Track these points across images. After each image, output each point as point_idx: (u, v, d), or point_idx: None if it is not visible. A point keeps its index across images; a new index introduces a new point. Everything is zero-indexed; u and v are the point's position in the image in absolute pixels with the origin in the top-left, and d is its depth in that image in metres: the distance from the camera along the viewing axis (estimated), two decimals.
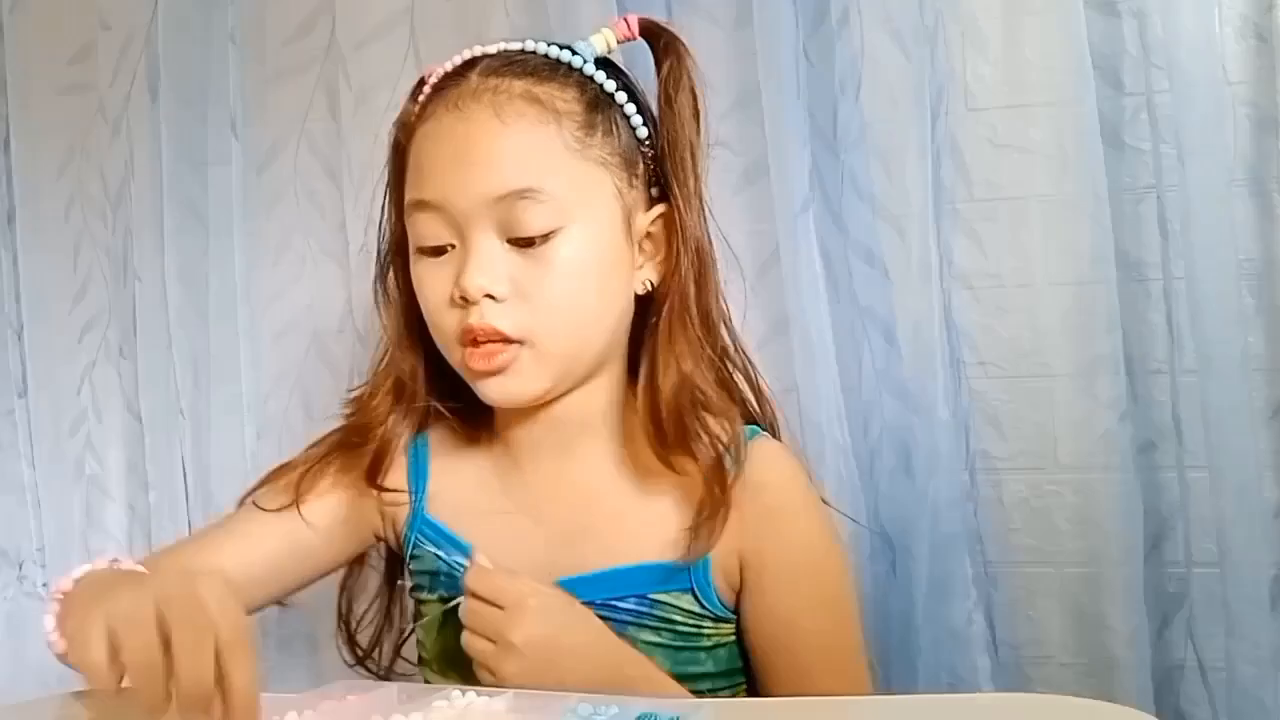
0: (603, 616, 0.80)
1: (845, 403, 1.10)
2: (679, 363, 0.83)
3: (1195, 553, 1.05)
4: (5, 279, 1.41)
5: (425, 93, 0.87)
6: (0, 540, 1.40)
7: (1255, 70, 1.05)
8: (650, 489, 0.84)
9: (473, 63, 0.85)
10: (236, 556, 0.87)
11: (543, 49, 0.85)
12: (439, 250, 0.82)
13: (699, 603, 0.83)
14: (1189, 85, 1.01)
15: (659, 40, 0.88)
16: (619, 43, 0.88)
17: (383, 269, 0.91)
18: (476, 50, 0.86)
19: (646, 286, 0.86)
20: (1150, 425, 1.08)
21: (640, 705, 0.65)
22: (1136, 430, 1.07)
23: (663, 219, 0.86)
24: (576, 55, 0.85)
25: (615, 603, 0.82)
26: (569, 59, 0.85)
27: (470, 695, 0.69)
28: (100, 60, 1.35)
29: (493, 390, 0.83)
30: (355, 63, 1.25)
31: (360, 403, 0.91)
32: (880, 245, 1.11)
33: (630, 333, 0.87)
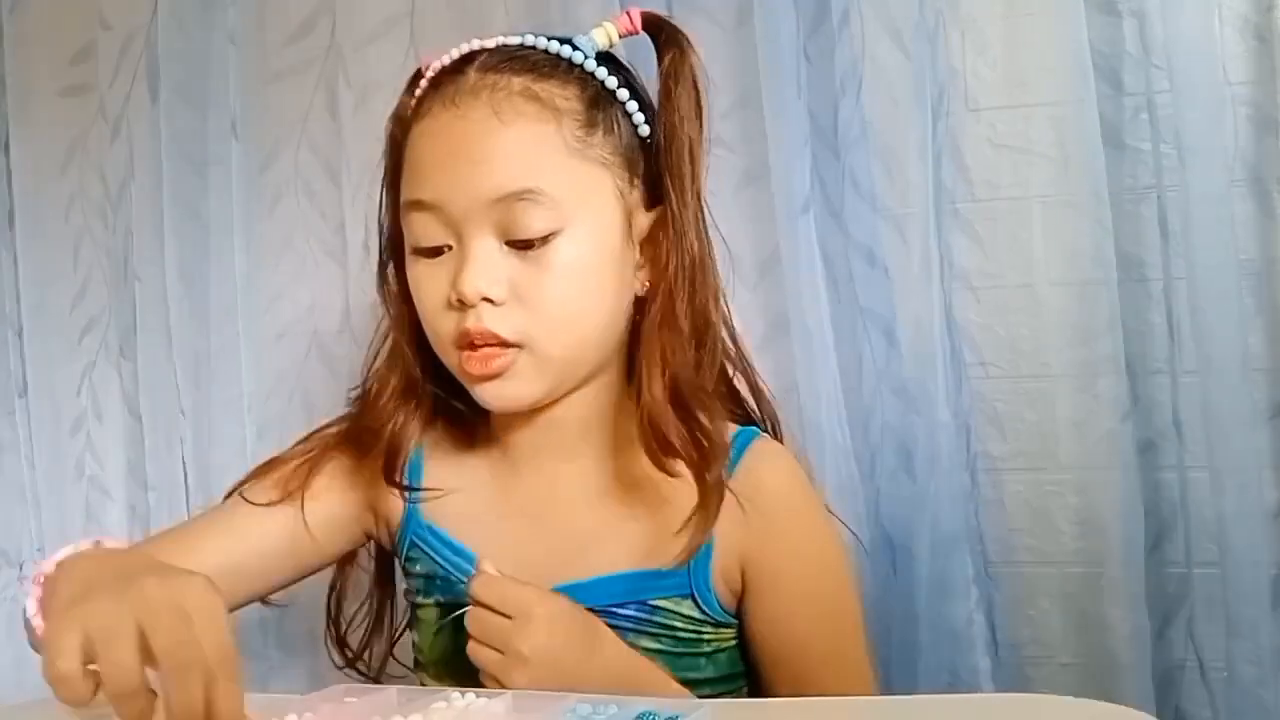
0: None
1: (845, 403, 1.10)
2: (671, 364, 0.81)
3: (1196, 553, 1.05)
4: (5, 279, 1.41)
5: (422, 87, 0.84)
6: (1, 540, 1.40)
7: (1255, 70, 1.04)
8: (649, 493, 0.83)
9: (471, 57, 0.82)
10: (223, 551, 0.85)
11: (542, 44, 0.83)
12: (435, 251, 0.81)
13: (699, 608, 0.82)
14: (1189, 85, 1.01)
15: (661, 33, 0.85)
16: (621, 37, 0.86)
17: (382, 266, 0.89)
18: (475, 44, 0.83)
19: (646, 287, 0.84)
20: (1150, 425, 1.08)
21: (639, 705, 0.65)
22: (1137, 430, 1.07)
23: (661, 218, 0.84)
24: (577, 50, 0.83)
25: (615, 609, 0.81)
26: (569, 54, 0.83)
27: (470, 696, 0.69)
28: (100, 60, 1.35)
29: (489, 395, 0.81)
30: (355, 63, 1.25)
31: (367, 402, 0.89)
32: (881, 245, 1.11)
33: (631, 333, 0.85)
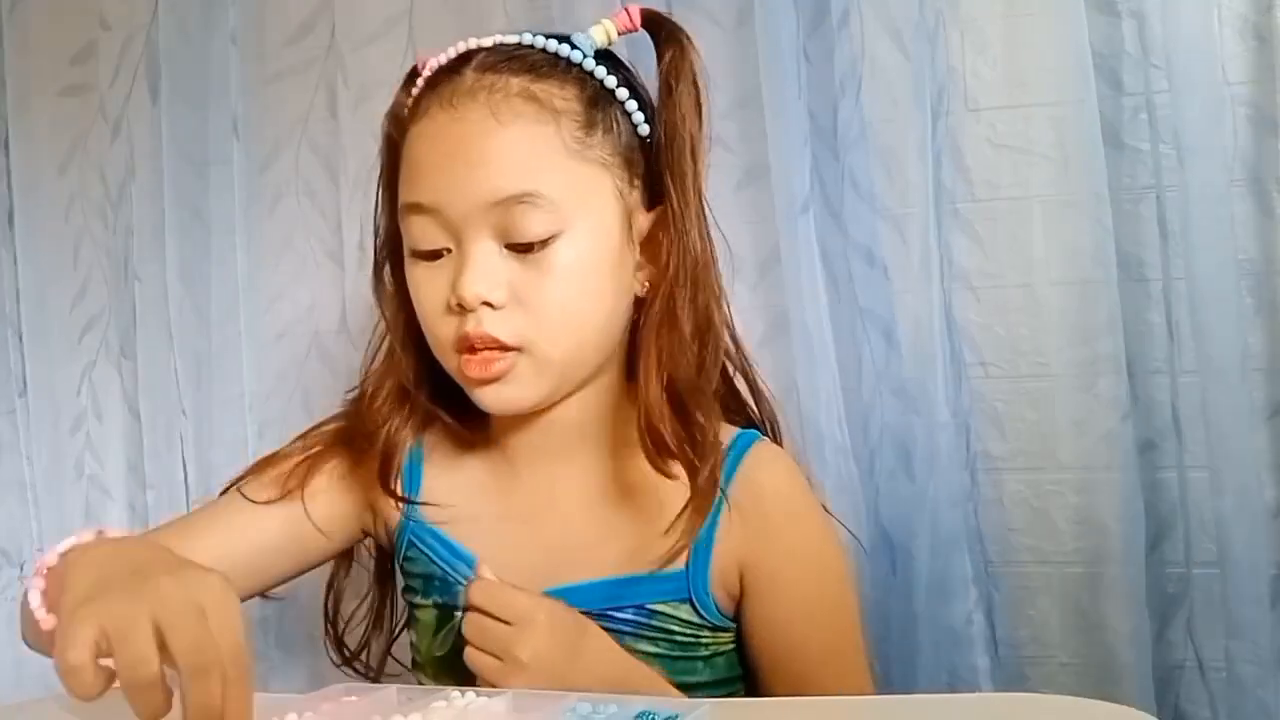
0: (600, 626, 0.78)
1: (845, 403, 1.10)
2: (668, 362, 0.80)
3: (1195, 553, 1.05)
4: (5, 279, 1.41)
5: (419, 86, 0.84)
6: (2, 540, 1.40)
7: (1255, 70, 1.04)
8: (647, 496, 0.82)
9: (468, 57, 0.81)
10: (221, 547, 0.84)
11: (540, 42, 0.82)
12: (434, 255, 0.80)
13: (697, 612, 0.82)
14: (1188, 85, 1.01)
15: (661, 31, 0.84)
16: (620, 34, 0.85)
17: (378, 268, 0.88)
18: (472, 43, 0.82)
19: (647, 287, 0.83)
20: (1150, 425, 1.08)
21: (639, 704, 0.65)
22: (1136, 430, 1.07)
23: (662, 218, 0.83)
24: (575, 49, 0.82)
25: (612, 612, 0.81)
26: (568, 53, 0.82)
27: (469, 695, 0.69)
28: (101, 60, 1.35)
29: (489, 398, 0.81)
30: (355, 63, 1.25)
31: (361, 404, 0.88)
32: (880, 245, 1.11)
33: (631, 334, 0.85)
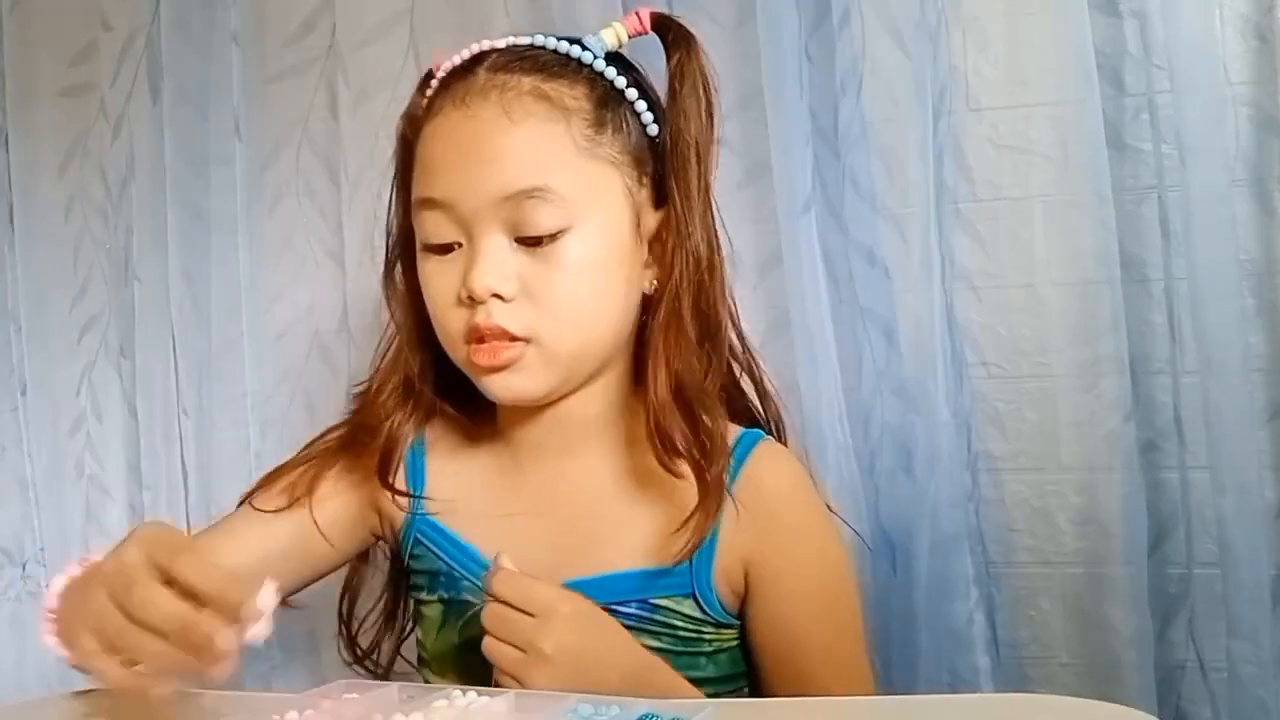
0: None
1: (846, 402, 1.10)
2: (675, 364, 0.82)
3: (1197, 553, 1.05)
4: (5, 278, 1.41)
5: (433, 87, 0.85)
6: (3, 540, 1.40)
7: (1256, 71, 1.04)
8: (653, 492, 0.83)
9: (481, 58, 0.83)
10: (233, 557, 0.85)
11: (552, 44, 0.84)
12: (446, 248, 0.82)
13: (700, 608, 0.82)
14: (1190, 86, 1.01)
15: (669, 33, 0.86)
16: (630, 37, 0.87)
17: (390, 265, 0.90)
18: (485, 45, 0.84)
19: (655, 286, 0.84)
20: (1152, 425, 1.08)
21: (641, 706, 0.65)
22: (1138, 430, 1.06)
23: (669, 217, 0.84)
24: (586, 50, 0.84)
25: (617, 607, 0.81)
26: (579, 54, 0.83)
27: (471, 695, 0.69)
28: (101, 60, 1.35)
29: (497, 386, 0.82)
30: (355, 63, 1.25)
31: (366, 399, 0.89)
32: (881, 245, 1.11)
33: (638, 333, 0.86)
